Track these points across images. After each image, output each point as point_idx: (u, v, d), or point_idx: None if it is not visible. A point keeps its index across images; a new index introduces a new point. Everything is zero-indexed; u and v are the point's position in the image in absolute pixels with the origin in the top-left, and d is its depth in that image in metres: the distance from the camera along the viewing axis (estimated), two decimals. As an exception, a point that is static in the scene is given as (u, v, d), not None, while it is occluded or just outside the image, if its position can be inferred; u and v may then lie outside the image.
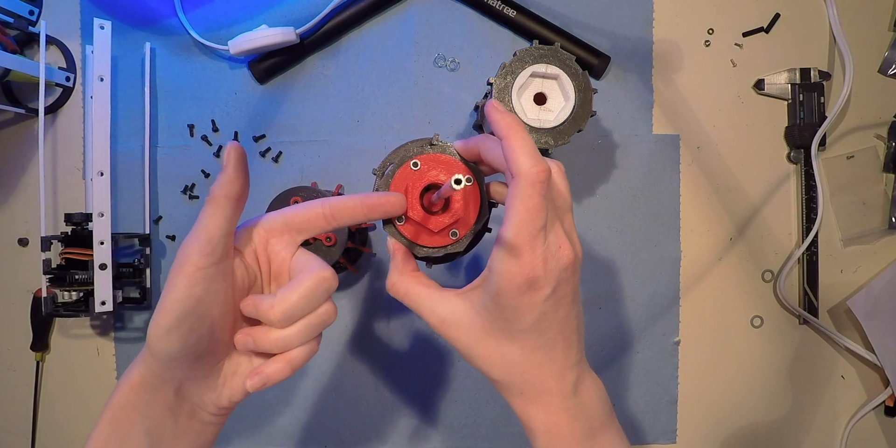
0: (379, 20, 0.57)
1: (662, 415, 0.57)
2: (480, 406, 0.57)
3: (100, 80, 0.55)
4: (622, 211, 0.57)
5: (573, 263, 0.30)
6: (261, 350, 0.30)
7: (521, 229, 0.27)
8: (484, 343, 0.31)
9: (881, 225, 0.57)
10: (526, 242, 0.27)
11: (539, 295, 0.29)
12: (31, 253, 0.59)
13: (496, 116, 0.30)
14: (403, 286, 0.33)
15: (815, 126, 0.56)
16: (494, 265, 0.29)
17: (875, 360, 0.56)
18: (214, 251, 0.28)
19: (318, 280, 0.30)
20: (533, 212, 0.27)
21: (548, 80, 0.45)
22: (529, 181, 0.27)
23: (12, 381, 0.59)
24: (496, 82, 0.45)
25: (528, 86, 0.45)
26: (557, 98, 0.46)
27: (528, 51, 0.45)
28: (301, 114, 0.58)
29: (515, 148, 0.28)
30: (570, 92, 0.44)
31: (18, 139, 0.59)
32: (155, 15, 0.58)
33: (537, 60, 0.44)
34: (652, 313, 0.57)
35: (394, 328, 0.57)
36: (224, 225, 0.29)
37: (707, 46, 0.57)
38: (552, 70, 0.44)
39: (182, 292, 0.28)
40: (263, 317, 0.30)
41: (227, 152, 0.30)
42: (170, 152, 0.58)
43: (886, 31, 0.57)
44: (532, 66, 0.44)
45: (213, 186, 0.29)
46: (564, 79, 0.44)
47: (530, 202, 0.27)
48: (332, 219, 0.32)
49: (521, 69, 0.44)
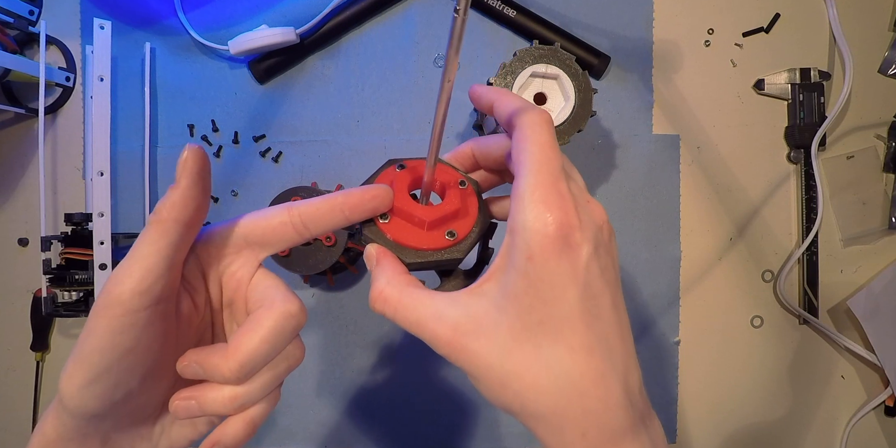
0: (379, 20, 0.57)
1: (662, 415, 0.57)
2: (480, 406, 0.57)
3: (100, 80, 0.55)
4: (622, 211, 0.57)
5: (608, 224, 0.24)
6: (210, 414, 0.24)
7: (541, 168, 0.22)
8: (518, 351, 0.22)
9: (881, 225, 0.57)
10: (550, 183, 0.22)
11: (579, 254, 0.21)
12: (31, 253, 0.59)
13: (480, 90, 0.27)
14: (396, 293, 0.24)
15: (815, 126, 0.56)
16: (518, 220, 0.22)
17: (875, 360, 0.56)
18: (152, 289, 0.21)
19: (283, 318, 0.23)
20: (548, 148, 0.23)
21: (548, 80, 0.45)
22: (534, 121, 0.23)
23: (12, 381, 0.59)
24: (496, 82, 0.44)
25: (528, 86, 0.45)
26: (557, 98, 0.46)
27: (528, 51, 0.45)
28: (301, 114, 0.58)
29: (512, 101, 0.25)
30: (571, 92, 0.44)
31: (18, 139, 0.59)
32: (155, 15, 0.58)
33: (537, 60, 0.44)
34: (652, 313, 0.57)
35: (394, 328, 0.57)
36: (169, 255, 0.22)
37: (707, 46, 0.57)
38: (552, 70, 0.44)
39: (104, 341, 0.21)
40: (213, 375, 0.23)
41: (182, 159, 0.22)
42: (170, 152, 0.58)
43: (886, 31, 0.57)
44: (532, 66, 0.44)
45: (160, 204, 0.22)
46: (564, 79, 0.44)
47: (542, 138, 0.23)
48: (302, 228, 0.24)
49: (521, 69, 0.44)
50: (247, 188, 0.58)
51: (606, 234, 0.23)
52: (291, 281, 0.58)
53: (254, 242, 0.25)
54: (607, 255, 0.23)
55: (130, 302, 0.21)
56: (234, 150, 0.58)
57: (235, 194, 0.58)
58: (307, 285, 0.58)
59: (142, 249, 0.22)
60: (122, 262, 0.22)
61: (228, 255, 0.25)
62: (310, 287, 0.58)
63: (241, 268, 0.25)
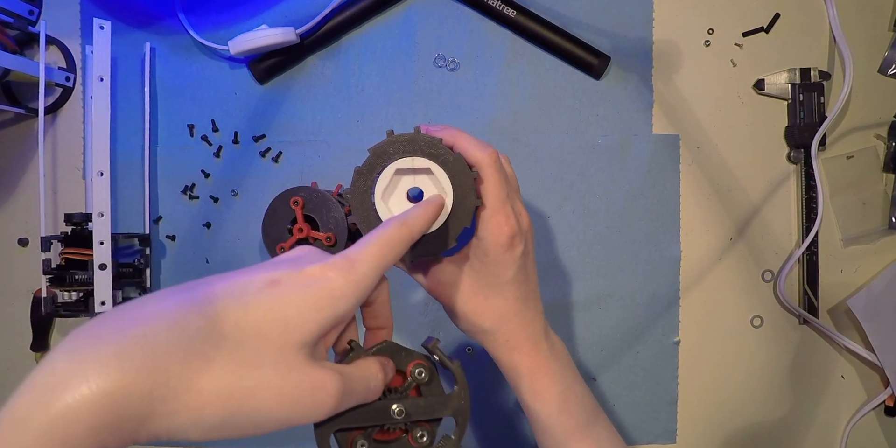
0: (379, 20, 0.57)
1: (662, 415, 0.57)
2: (481, 406, 0.57)
3: (100, 80, 0.55)
4: (622, 211, 0.57)
5: (531, 226, 0.38)
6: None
7: (494, 198, 0.35)
8: (474, 297, 0.37)
9: (881, 225, 0.57)
10: (500, 208, 0.35)
11: (518, 250, 0.36)
12: (31, 253, 0.59)
13: (438, 133, 0.36)
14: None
15: (815, 126, 0.55)
16: (481, 232, 0.36)
17: (875, 360, 0.56)
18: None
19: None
20: (498, 184, 0.35)
21: (419, 175, 0.36)
22: (486, 163, 0.35)
23: (12, 381, 0.59)
24: (352, 194, 0.36)
25: (396, 185, 0.36)
26: (433, 193, 0.36)
27: (383, 145, 0.36)
28: (301, 114, 0.58)
29: (465, 145, 0.36)
30: (447, 185, 0.35)
31: (18, 139, 0.59)
32: (155, 15, 0.58)
33: (399, 154, 0.36)
34: (652, 313, 0.57)
35: (394, 327, 0.57)
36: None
37: (707, 46, 0.57)
38: (420, 162, 0.35)
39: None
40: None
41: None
42: (170, 152, 0.58)
43: (886, 31, 0.57)
44: (394, 161, 0.35)
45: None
46: (437, 170, 0.35)
47: (493, 178, 0.35)
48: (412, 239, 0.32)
49: (382, 168, 0.36)
50: (247, 188, 0.58)
51: (530, 233, 0.38)
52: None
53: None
54: (530, 245, 0.38)
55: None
56: (234, 150, 0.58)
57: (235, 194, 0.58)
58: (307, 285, 0.58)
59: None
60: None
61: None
62: (310, 287, 0.58)
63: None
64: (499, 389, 0.57)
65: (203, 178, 0.58)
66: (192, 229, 0.58)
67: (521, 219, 0.37)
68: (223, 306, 0.24)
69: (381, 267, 0.28)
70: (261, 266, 0.27)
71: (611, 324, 0.57)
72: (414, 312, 0.57)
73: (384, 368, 0.30)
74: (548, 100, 0.57)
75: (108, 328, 0.22)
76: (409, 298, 0.57)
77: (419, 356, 0.33)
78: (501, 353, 0.38)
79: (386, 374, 0.30)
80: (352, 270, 0.27)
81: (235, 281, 0.25)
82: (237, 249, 0.58)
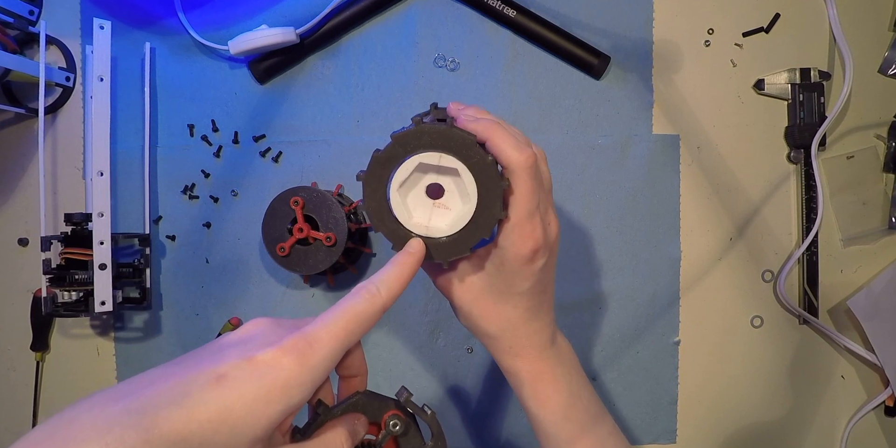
0: (379, 20, 0.57)
1: (662, 415, 0.57)
2: (481, 406, 0.57)
3: (100, 80, 0.55)
4: (622, 211, 0.57)
5: (558, 235, 0.35)
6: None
7: (522, 209, 0.32)
8: (483, 300, 0.36)
9: (881, 225, 0.57)
10: (526, 220, 0.32)
11: (538, 263, 0.33)
12: (31, 253, 0.59)
13: (471, 126, 0.32)
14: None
15: (815, 126, 0.55)
16: (502, 242, 0.33)
17: (875, 360, 0.56)
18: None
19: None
20: (529, 194, 0.32)
21: (443, 175, 0.32)
22: (521, 168, 0.31)
23: (12, 381, 0.59)
24: (366, 178, 0.33)
25: (416, 184, 0.33)
26: (453, 197, 0.33)
27: (407, 134, 0.31)
28: (301, 114, 0.58)
29: (500, 145, 0.31)
30: (472, 191, 0.31)
31: (18, 139, 0.59)
32: (155, 15, 0.58)
33: (426, 146, 0.31)
34: (652, 313, 0.57)
35: (394, 327, 0.57)
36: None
37: (707, 46, 0.57)
38: (448, 161, 0.31)
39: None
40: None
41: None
42: (170, 152, 0.58)
43: (886, 31, 0.57)
44: (418, 154, 0.31)
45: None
46: (465, 173, 0.31)
47: (525, 186, 0.32)
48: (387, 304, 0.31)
49: (403, 159, 0.31)
50: (247, 188, 0.58)
51: (556, 244, 0.35)
52: (292, 281, 0.58)
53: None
54: (554, 256, 0.35)
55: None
56: (234, 149, 0.58)
57: (235, 194, 0.58)
58: (307, 285, 0.58)
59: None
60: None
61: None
62: (310, 287, 0.58)
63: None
64: (499, 389, 0.57)
65: (203, 178, 0.58)
66: (192, 229, 0.58)
67: (549, 229, 0.34)
68: (164, 416, 0.22)
69: (343, 347, 0.26)
70: (207, 354, 0.25)
71: (611, 324, 0.57)
72: (414, 312, 0.57)
73: (352, 433, 0.29)
74: (548, 100, 0.57)
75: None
76: (409, 298, 0.57)
77: (394, 405, 0.32)
78: (504, 359, 0.37)
79: (356, 436, 0.29)
80: (309, 354, 0.24)
81: (178, 380, 0.23)
82: (237, 249, 0.58)
